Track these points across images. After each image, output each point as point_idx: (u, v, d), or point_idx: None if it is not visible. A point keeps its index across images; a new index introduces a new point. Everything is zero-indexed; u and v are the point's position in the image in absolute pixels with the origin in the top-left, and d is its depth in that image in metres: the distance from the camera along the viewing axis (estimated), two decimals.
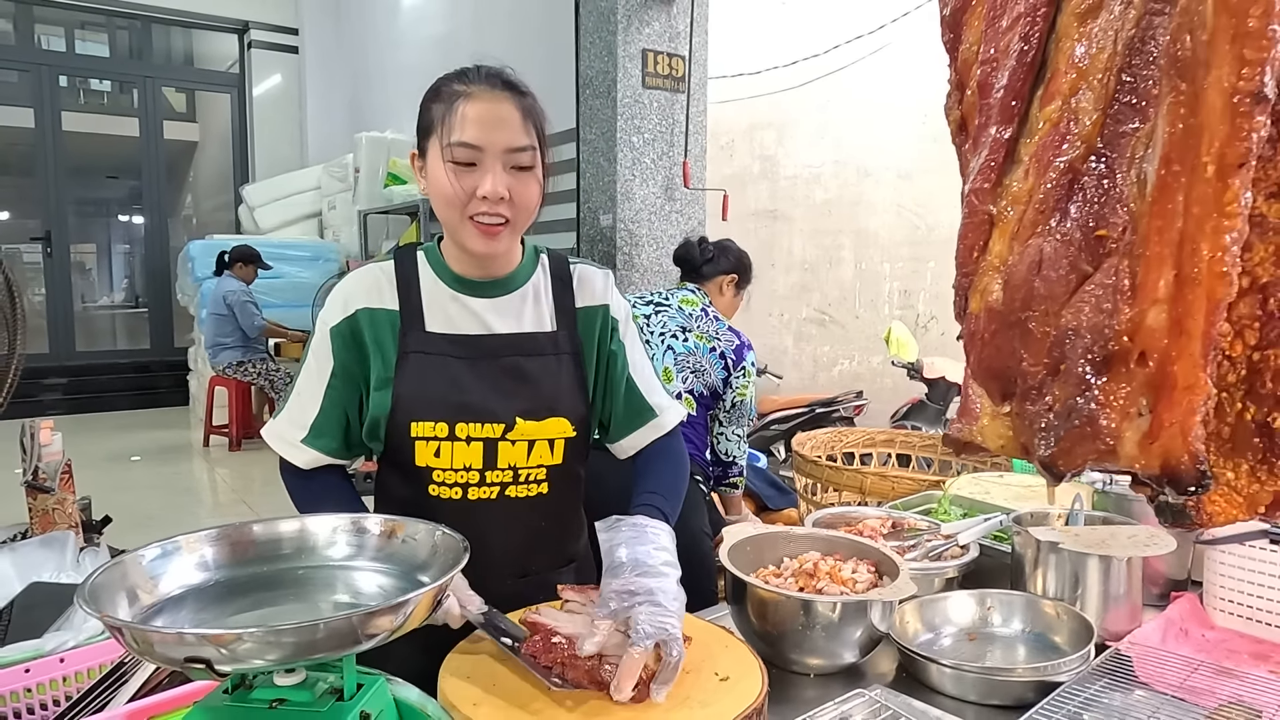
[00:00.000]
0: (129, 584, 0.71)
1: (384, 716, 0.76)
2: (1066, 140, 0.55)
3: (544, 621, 0.78)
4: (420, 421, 1.22)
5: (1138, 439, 0.49)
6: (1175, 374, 0.50)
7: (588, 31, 4.09)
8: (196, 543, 0.78)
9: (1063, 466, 0.50)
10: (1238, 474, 0.56)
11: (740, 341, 2.60)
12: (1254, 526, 1.38)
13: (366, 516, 0.85)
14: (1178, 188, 0.49)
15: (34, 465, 1.61)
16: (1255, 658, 1.32)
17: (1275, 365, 0.53)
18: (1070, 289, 0.53)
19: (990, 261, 0.58)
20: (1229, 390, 0.56)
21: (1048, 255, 0.52)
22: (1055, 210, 0.55)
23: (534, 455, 1.28)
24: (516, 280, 1.33)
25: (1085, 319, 0.49)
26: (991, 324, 0.56)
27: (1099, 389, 0.48)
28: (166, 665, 0.62)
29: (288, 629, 0.60)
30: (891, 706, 1.04)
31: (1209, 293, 0.49)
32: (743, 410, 2.59)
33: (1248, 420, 0.55)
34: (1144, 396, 0.50)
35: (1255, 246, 0.53)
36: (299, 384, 1.27)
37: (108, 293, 13.34)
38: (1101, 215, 0.51)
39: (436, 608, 0.72)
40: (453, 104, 1.18)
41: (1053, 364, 0.52)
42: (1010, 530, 1.51)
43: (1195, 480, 0.47)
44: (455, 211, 1.20)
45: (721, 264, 2.71)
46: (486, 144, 1.17)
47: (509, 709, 0.97)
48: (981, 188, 0.58)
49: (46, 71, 8.82)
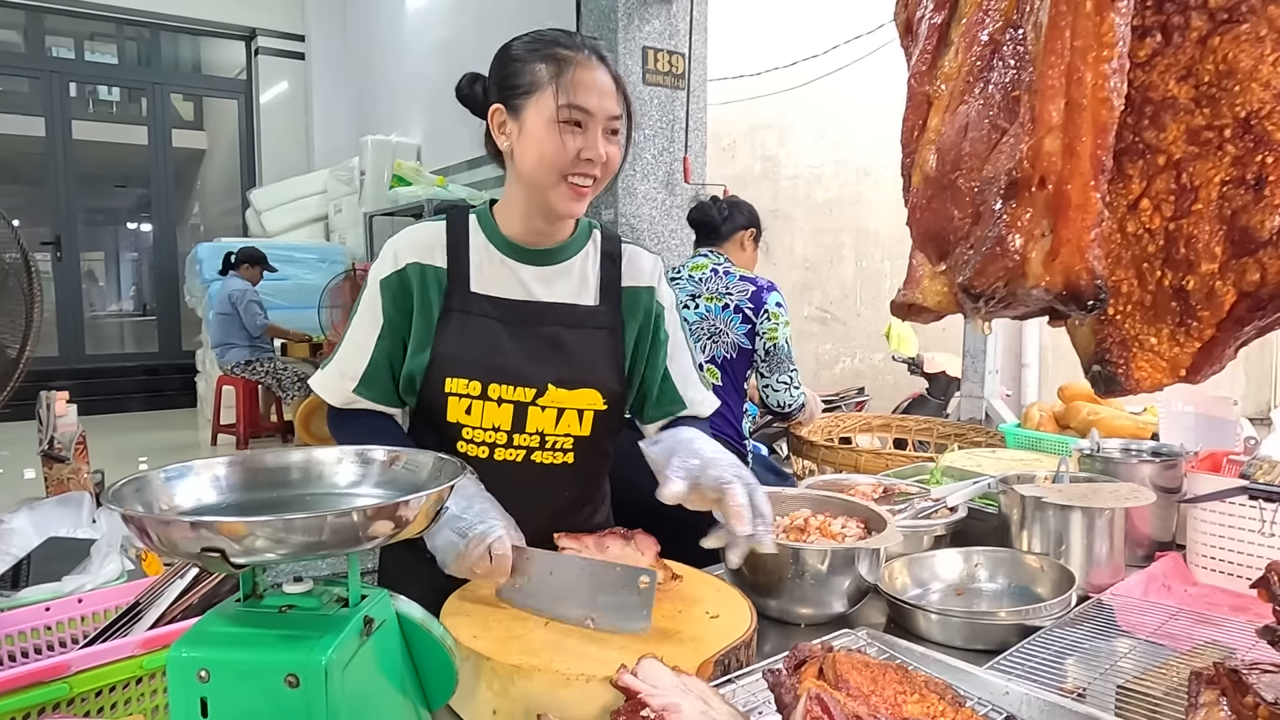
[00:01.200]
0: (149, 496, 0.76)
1: (387, 626, 0.80)
2: (988, 17, 0.60)
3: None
4: (455, 378, 1.27)
5: (1042, 257, 0.54)
6: (1069, 194, 0.55)
7: (588, 30, 4.16)
8: (211, 466, 0.83)
9: (978, 286, 0.55)
10: (1160, 339, 0.60)
11: (758, 286, 2.51)
12: (1233, 483, 1.42)
13: (371, 448, 0.89)
14: (1065, 25, 0.55)
15: (50, 435, 1.66)
16: (1235, 610, 1.35)
17: (1187, 232, 0.58)
18: (991, 145, 0.57)
19: (927, 137, 0.63)
20: (1149, 260, 0.61)
21: (972, 118, 0.57)
22: (979, 79, 0.59)
23: (562, 423, 1.32)
24: (567, 251, 1.37)
25: (1000, 165, 0.54)
26: (928, 190, 0.61)
27: (1007, 213, 0.53)
28: (184, 558, 0.67)
29: (296, 520, 0.65)
30: (877, 643, 1.08)
31: (1094, 117, 0.54)
32: (780, 354, 2.48)
33: (1166, 286, 0.59)
34: (1045, 218, 0.54)
35: (1169, 126, 0.58)
36: (350, 334, 1.32)
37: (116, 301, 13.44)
38: (1017, 77, 0.56)
39: (436, 518, 0.77)
40: (566, 66, 1.24)
41: (976, 212, 0.56)
42: (998, 491, 1.55)
43: (1093, 294, 0.52)
44: (553, 172, 1.24)
45: (738, 219, 2.69)
46: (596, 109, 1.24)
47: (507, 640, 1.01)
48: (920, 71, 0.63)
49: (56, 79, 8.92)
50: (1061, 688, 1.03)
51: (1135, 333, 0.60)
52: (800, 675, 0.85)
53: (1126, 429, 2.05)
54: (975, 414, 3.11)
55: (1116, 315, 0.61)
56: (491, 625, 1.06)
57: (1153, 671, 1.05)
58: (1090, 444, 1.69)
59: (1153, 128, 0.58)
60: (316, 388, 1.31)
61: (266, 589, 0.78)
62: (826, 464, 2.44)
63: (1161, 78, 0.58)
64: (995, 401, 3.07)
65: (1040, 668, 1.08)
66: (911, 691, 0.84)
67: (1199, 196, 0.57)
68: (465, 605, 1.12)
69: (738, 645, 1.03)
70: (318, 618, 0.74)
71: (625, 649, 1.00)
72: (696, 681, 0.87)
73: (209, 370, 7.50)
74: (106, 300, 13.26)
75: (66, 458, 1.64)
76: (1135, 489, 1.44)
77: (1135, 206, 0.59)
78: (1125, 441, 1.72)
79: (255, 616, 0.74)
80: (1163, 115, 0.58)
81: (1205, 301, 0.57)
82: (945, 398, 5.04)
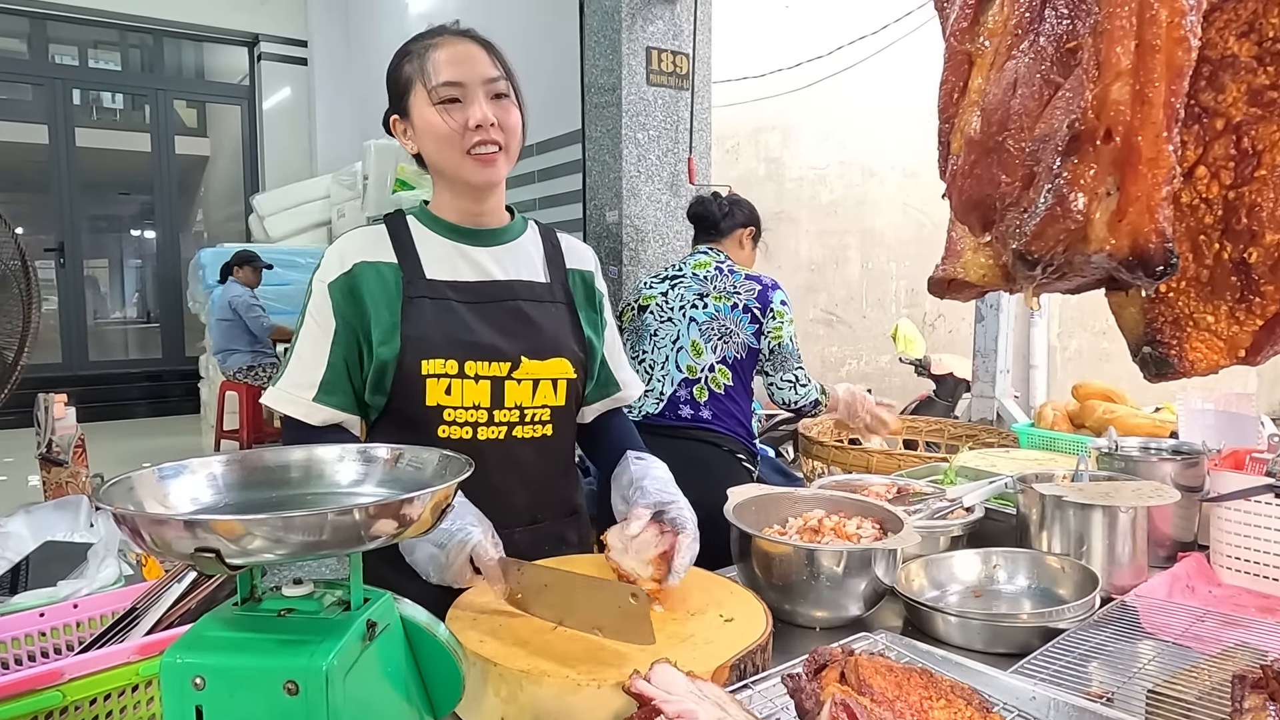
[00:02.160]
0: (142, 495, 0.73)
1: (391, 630, 0.77)
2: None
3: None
4: (431, 359, 1.26)
5: (1106, 218, 0.49)
6: (1139, 146, 0.50)
7: (592, 31, 4.13)
8: (208, 464, 0.80)
9: (1036, 252, 0.50)
10: (1217, 316, 0.56)
11: (763, 285, 2.50)
12: (1259, 481, 1.38)
13: (374, 445, 0.86)
14: None
15: (48, 438, 1.64)
16: (1262, 611, 1.32)
17: (1249, 200, 0.54)
18: (1044, 102, 0.53)
19: (969, 99, 0.58)
20: (1206, 233, 0.57)
21: (1022, 73, 0.53)
22: (1030, 32, 0.54)
23: (539, 395, 1.33)
24: (511, 232, 1.41)
25: (1057, 121, 0.50)
26: (971, 154, 0.56)
27: (1068, 170, 0.48)
28: (179, 559, 0.64)
29: (295, 518, 0.62)
30: (896, 647, 1.04)
31: (1168, 59, 0.50)
32: (785, 353, 2.46)
33: (1225, 259, 0.56)
34: (1111, 174, 0.49)
35: (1228, 87, 0.55)
36: (298, 347, 1.29)
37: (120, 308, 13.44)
38: (1072, 28, 0.51)
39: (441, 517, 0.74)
40: (425, 55, 1.28)
41: (1028, 174, 0.52)
42: (1015, 491, 1.52)
43: (1164, 259, 0.48)
44: (453, 150, 1.27)
45: (738, 217, 2.67)
46: (466, 78, 1.26)
47: (514, 645, 0.98)
48: (960, 28, 0.58)
49: (60, 86, 8.93)
50: (1088, 692, 1.00)
51: (1190, 310, 0.56)
52: (821, 680, 0.82)
53: (1143, 427, 2.01)
54: (986, 414, 3.07)
55: (1169, 292, 0.57)
56: (498, 630, 1.03)
57: (1183, 675, 1.01)
58: (1108, 442, 1.66)
59: (1210, 89, 0.54)
60: (272, 403, 1.27)
61: (265, 592, 0.74)
62: (836, 465, 2.41)
63: (1220, 34, 0.54)
64: (1006, 401, 3.03)
65: (1065, 671, 1.05)
66: (938, 697, 0.81)
67: (1262, 162, 0.53)
68: (471, 610, 1.09)
69: (753, 649, 1.00)
70: (318, 622, 0.71)
71: (639, 653, 0.97)
72: (712, 687, 0.84)
73: (212, 376, 7.48)
74: (110, 307, 13.26)
75: (65, 461, 1.61)
76: (1158, 487, 1.41)
77: (1190, 175, 0.55)
78: (1144, 440, 1.69)
79: (253, 620, 0.71)
80: (1221, 75, 0.54)
81: (1270, 274, 0.53)
82: (953, 399, 5.00)
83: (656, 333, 2.52)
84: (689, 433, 2.43)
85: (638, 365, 2.55)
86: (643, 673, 0.85)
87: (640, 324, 2.57)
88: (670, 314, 2.51)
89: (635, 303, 2.62)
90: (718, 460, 2.39)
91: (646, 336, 2.54)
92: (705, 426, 2.44)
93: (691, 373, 2.46)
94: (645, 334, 2.54)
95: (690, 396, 2.46)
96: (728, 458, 2.42)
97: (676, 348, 2.48)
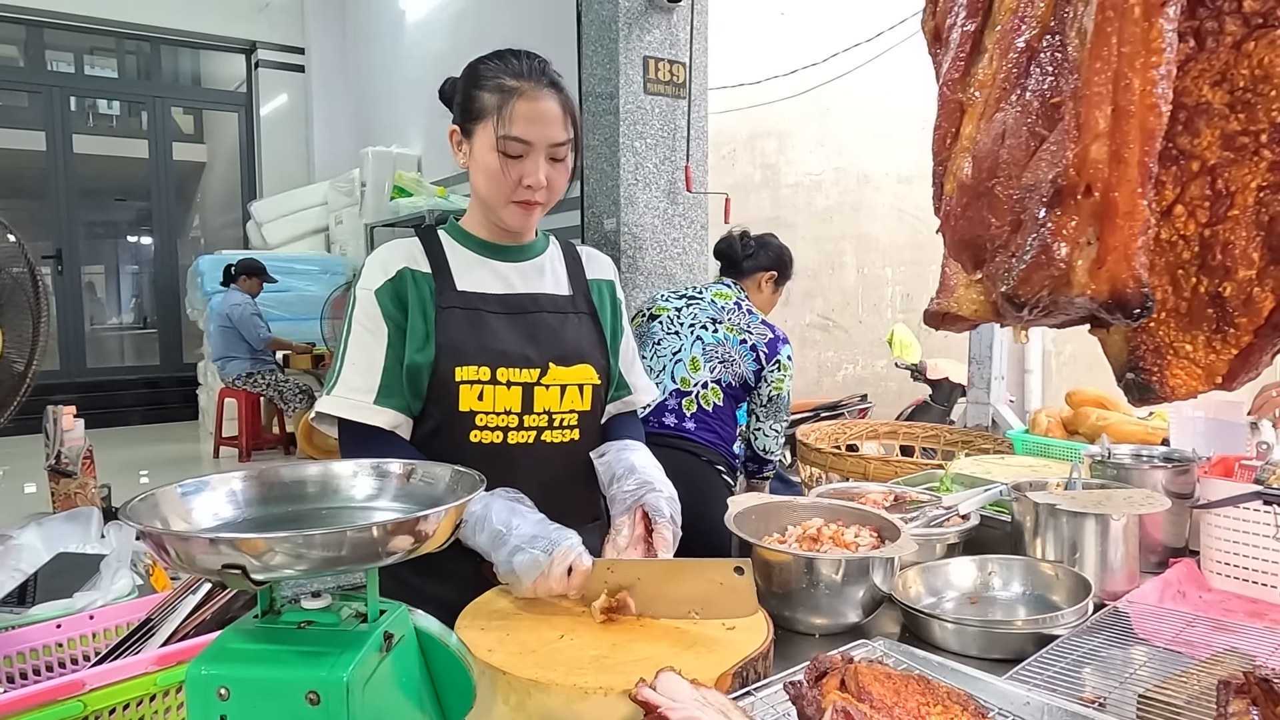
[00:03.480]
0: (165, 512, 0.75)
1: (406, 641, 0.79)
2: (1024, 23, 0.59)
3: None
4: (464, 366, 1.32)
5: (1087, 265, 0.53)
6: (1116, 201, 0.55)
7: (589, 40, 4.16)
8: (227, 480, 0.82)
9: (1022, 295, 0.54)
10: (1195, 346, 0.60)
11: (775, 335, 2.56)
12: (1247, 488, 1.41)
13: (388, 461, 0.89)
14: (1111, 31, 0.54)
15: (57, 450, 1.66)
16: (1251, 616, 1.35)
17: (1223, 238, 0.57)
18: (1030, 152, 0.56)
19: (961, 144, 0.62)
20: (1184, 267, 0.60)
21: (1010, 125, 0.56)
22: (1016, 86, 0.58)
23: (566, 400, 1.39)
24: (535, 249, 1.47)
25: (1042, 173, 0.53)
26: (963, 198, 0.60)
27: (1052, 222, 0.53)
28: (205, 575, 0.66)
29: (315, 535, 0.65)
30: (894, 654, 1.07)
31: (1142, 123, 0.54)
32: (779, 404, 2.56)
33: (1202, 293, 0.59)
34: (1091, 225, 0.53)
35: (1203, 132, 0.58)
36: (350, 354, 1.33)
37: (117, 314, 13.43)
38: (1055, 84, 0.55)
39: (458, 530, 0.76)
40: (506, 98, 1.31)
41: (1015, 220, 0.55)
42: (1010, 498, 1.54)
43: (1140, 302, 0.51)
44: (500, 194, 1.34)
45: (762, 259, 2.70)
46: (536, 139, 1.32)
47: (523, 653, 1.01)
48: (952, 78, 0.62)
49: (57, 94, 8.94)
50: (1081, 697, 1.02)
51: (1170, 340, 0.60)
52: (822, 688, 0.84)
53: (1136, 434, 2.04)
54: (982, 420, 3.10)
55: (1150, 322, 0.60)
56: (507, 638, 1.05)
57: (1173, 680, 1.04)
58: (1101, 449, 1.69)
59: (1186, 133, 0.58)
60: (333, 410, 1.30)
61: (284, 605, 0.77)
62: (834, 471, 2.43)
63: (1195, 83, 0.58)
64: (1001, 407, 3.06)
65: (1059, 677, 1.07)
66: (935, 703, 0.84)
67: (1235, 202, 0.57)
68: (480, 618, 1.12)
69: (755, 656, 1.02)
70: (337, 633, 0.74)
71: (644, 661, 0.99)
72: (716, 694, 0.86)
73: (211, 383, 7.50)
74: (107, 313, 13.25)
75: (74, 472, 1.63)
76: (1149, 495, 1.43)
77: (1169, 213, 0.59)
78: (1136, 447, 1.72)
79: (274, 633, 0.73)
80: (1196, 121, 0.57)
81: (1243, 308, 0.57)
82: (948, 404, 5.03)
83: (660, 342, 2.56)
84: (669, 440, 2.45)
85: None
86: (648, 681, 0.88)
87: (646, 331, 2.60)
88: (678, 328, 2.55)
89: (647, 310, 2.67)
90: (695, 469, 2.41)
91: (649, 344, 2.57)
92: (686, 436, 2.48)
93: (685, 385, 2.50)
94: (649, 341, 2.58)
95: (678, 407, 2.50)
96: (705, 467, 2.45)
97: (675, 359, 2.52)
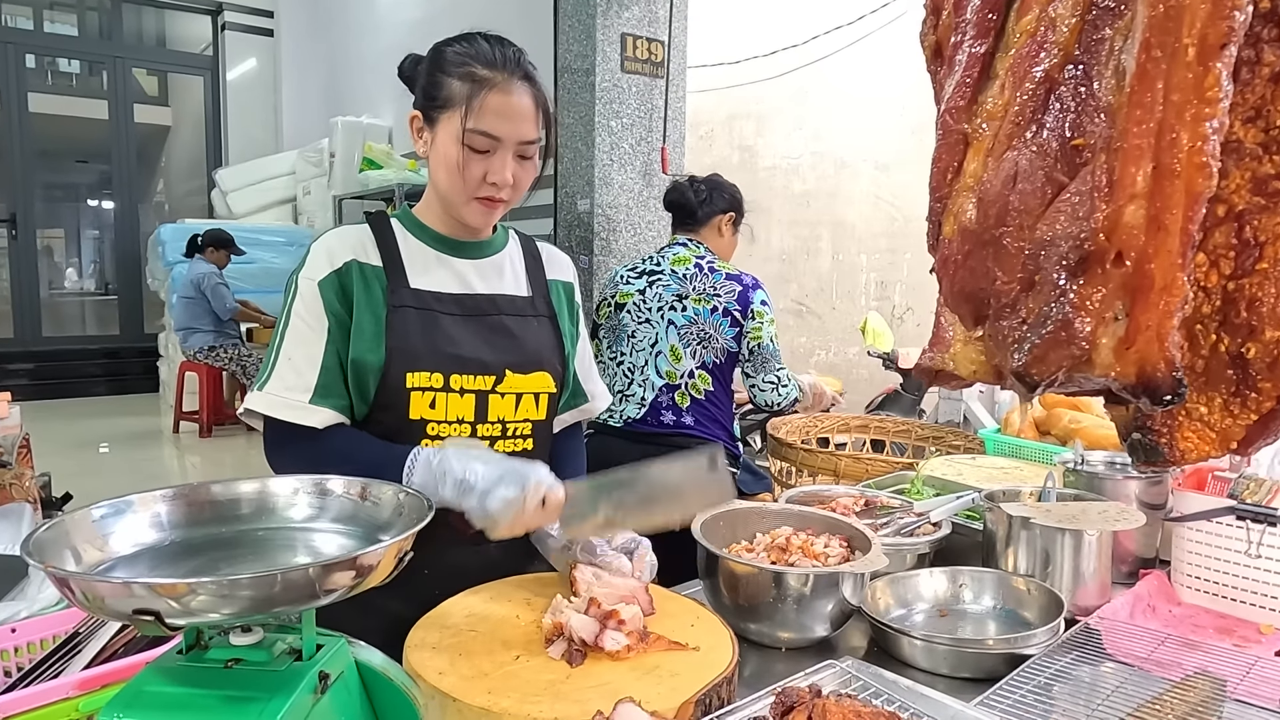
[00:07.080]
0: (77, 540, 0.68)
1: (345, 678, 0.74)
2: (1044, 50, 0.52)
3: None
4: (416, 372, 1.24)
5: (1113, 345, 0.47)
6: (1153, 273, 0.48)
7: (566, 15, 4.06)
8: (149, 501, 0.75)
9: (1036, 375, 0.48)
10: (1211, 408, 0.55)
11: (744, 285, 2.44)
12: (1220, 503, 1.39)
13: (329, 478, 0.82)
14: (1157, 74, 0.48)
15: None
16: (1220, 632, 1.34)
17: (1250, 294, 0.52)
18: (1046, 201, 0.51)
19: (964, 182, 0.55)
20: (1203, 322, 0.55)
21: (1023, 168, 0.50)
22: (1031, 122, 0.52)
23: (521, 409, 1.33)
24: (494, 246, 1.39)
25: (1061, 228, 0.47)
26: (965, 245, 0.54)
27: (1074, 292, 0.46)
28: (115, 619, 0.60)
29: (242, 580, 0.58)
30: (862, 677, 1.03)
31: (1188, 185, 0.47)
32: (765, 353, 2.42)
33: (1222, 352, 0.54)
34: (1120, 299, 0.47)
35: (1231, 173, 0.52)
36: (285, 348, 1.22)
37: (76, 279, 13.09)
38: (1078, 124, 0.49)
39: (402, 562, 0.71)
40: (477, 89, 1.22)
41: (1027, 279, 0.49)
42: (982, 508, 1.52)
43: (1172, 388, 0.46)
44: (461, 190, 1.26)
45: (718, 203, 2.58)
46: (505, 135, 1.23)
47: (474, 678, 0.95)
48: (956, 106, 0.56)
49: (13, 50, 8.62)
50: None
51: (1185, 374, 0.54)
52: None
53: (1109, 439, 2.02)
54: (953, 416, 3.09)
55: None
56: (459, 659, 1.00)
57: (1146, 707, 1.02)
58: (1074, 455, 1.66)
59: None
60: (262, 408, 1.19)
61: (212, 638, 0.71)
62: (805, 466, 2.40)
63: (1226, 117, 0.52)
64: (973, 404, 3.05)
65: (1029, 700, 1.05)
66: None
67: (1264, 254, 0.51)
68: (431, 635, 1.06)
69: (719, 682, 0.98)
70: (267, 674, 0.68)
71: (602, 687, 0.95)
72: None
73: (172, 355, 7.33)
74: (65, 279, 12.90)
75: (8, 463, 1.55)
76: (1124, 509, 1.41)
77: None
78: (1110, 454, 1.69)
79: (197, 673, 0.67)
80: (1225, 160, 0.51)
81: (1268, 371, 0.51)
82: (920, 393, 5.03)
83: (634, 334, 2.48)
84: (672, 439, 2.41)
85: (617, 368, 2.51)
86: (605, 713, 0.83)
87: (617, 323, 2.52)
88: (648, 314, 2.46)
89: (612, 299, 2.56)
90: None
91: (624, 337, 2.50)
92: (688, 433, 2.43)
93: (671, 379, 2.44)
94: (623, 334, 2.50)
95: (672, 402, 2.44)
96: None
97: (655, 351, 2.45)
